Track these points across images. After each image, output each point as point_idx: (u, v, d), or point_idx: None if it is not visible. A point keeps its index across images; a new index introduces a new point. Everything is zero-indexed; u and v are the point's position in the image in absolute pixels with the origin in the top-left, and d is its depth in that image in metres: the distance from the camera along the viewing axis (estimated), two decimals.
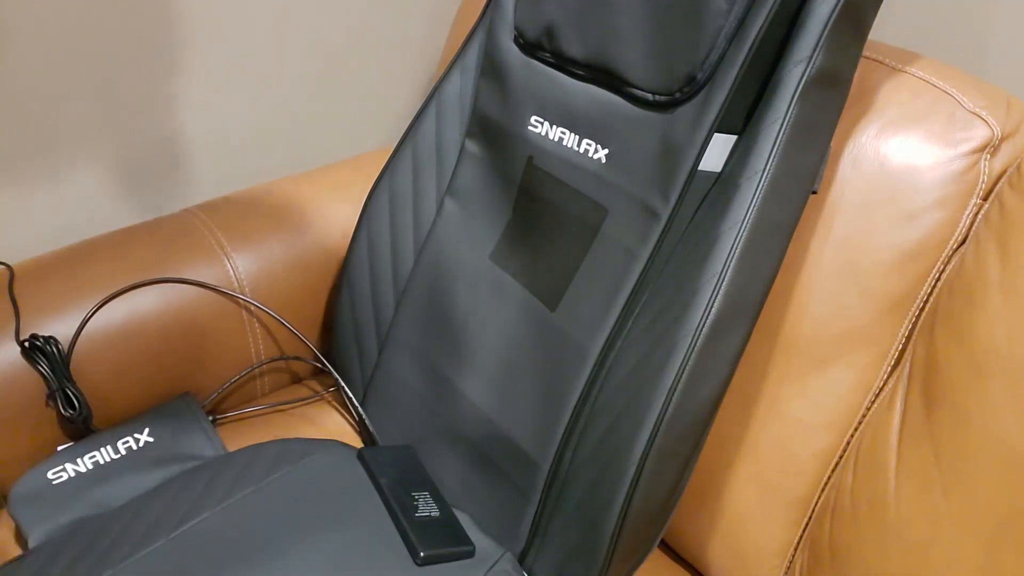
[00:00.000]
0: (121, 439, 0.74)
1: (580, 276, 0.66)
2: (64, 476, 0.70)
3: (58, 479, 0.70)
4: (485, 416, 0.70)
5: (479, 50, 0.77)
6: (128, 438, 0.74)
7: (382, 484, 0.70)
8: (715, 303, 0.58)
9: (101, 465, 0.72)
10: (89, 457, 0.72)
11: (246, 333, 0.85)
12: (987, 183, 0.61)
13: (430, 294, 0.76)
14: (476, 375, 0.72)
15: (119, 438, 0.74)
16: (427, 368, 0.76)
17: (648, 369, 0.60)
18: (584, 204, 0.66)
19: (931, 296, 0.63)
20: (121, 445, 0.73)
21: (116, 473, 0.72)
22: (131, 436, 0.74)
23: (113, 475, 0.71)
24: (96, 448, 0.72)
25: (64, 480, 0.70)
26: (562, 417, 0.65)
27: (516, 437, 0.68)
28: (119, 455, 0.73)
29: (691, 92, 0.60)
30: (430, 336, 0.76)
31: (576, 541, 0.63)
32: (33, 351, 0.72)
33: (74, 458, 0.71)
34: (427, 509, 0.69)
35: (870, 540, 0.62)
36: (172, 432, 0.76)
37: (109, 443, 0.73)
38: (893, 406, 0.63)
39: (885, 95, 0.65)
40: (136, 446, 0.74)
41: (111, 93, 0.89)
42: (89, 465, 0.72)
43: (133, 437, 0.74)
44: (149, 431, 0.75)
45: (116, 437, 0.74)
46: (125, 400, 0.78)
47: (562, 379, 0.65)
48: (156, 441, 0.75)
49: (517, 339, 0.70)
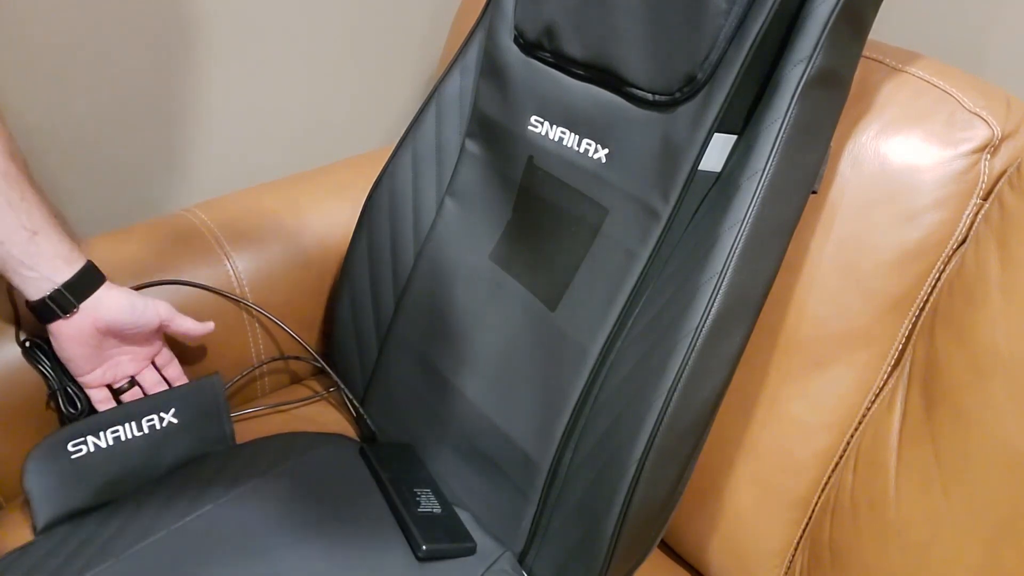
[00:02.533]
0: (146, 416, 0.72)
1: (580, 276, 0.66)
2: (83, 450, 0.69)
3: (77, 452, 0.69)
4: (485, 416, 0.70)
5: (479, 50, 0.77)
6: (154, 416, 0.73)
7: (384, 479, 0.70)
8: (715, 303, 0.58)
9: (122, 442, 0.71)
10: (112, 432, 0.71)
11: (246, 333, 0.85)
12: (987, 183, 0.61)
13: (430, 294, 0.76)
14: (476, 375, 0.72)
15: (144, 415, 0.72)
16: (427, 368, 0.76)
17: (648, 369, 0.60)
18: (584, 204, 0.66)
19: (931, 296, 0.63)
20: (145, 423, 0.72)
21: (133, 453, 0.71)
22: (156, 415, 0.73)
23: (130, 455, 0.71)
24: (121, 422, 0.71)
25: (83, 455, 0.69)
26: (562, 417, 0.65)
27: (515, 437, 0.68)
28: (141, 433, 0.72)
29: (691, 92, 0.60)
30: (430, 336, 0.76)
31: (576, 541, 0.63)
32: (34, 351, 0.71)
33: (97, 431, 0.70)
34: (429, 505, 0.69)
35: (870, 540, 0.62)
36: (195, 416, 0.75)
37: (134, 419, 0.72)
38: (893, 406, 0.63)
39: (885, 95, 0.65)
40: (160, 425, 0.73)
41: (111, 94, 0.89)
42: (110, 440, 0.70)
43: (159, 416, 0.73)
44: (175, 411, 0.74)
45: (142, 413, 0.72)
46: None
47: (562, 379, 0.65)
48: (179, 423, 0.74)
49: (517, 339, 0.70)
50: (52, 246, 0.66)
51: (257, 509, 0.66)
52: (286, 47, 0.99)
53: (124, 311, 0.70)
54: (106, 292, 0.69)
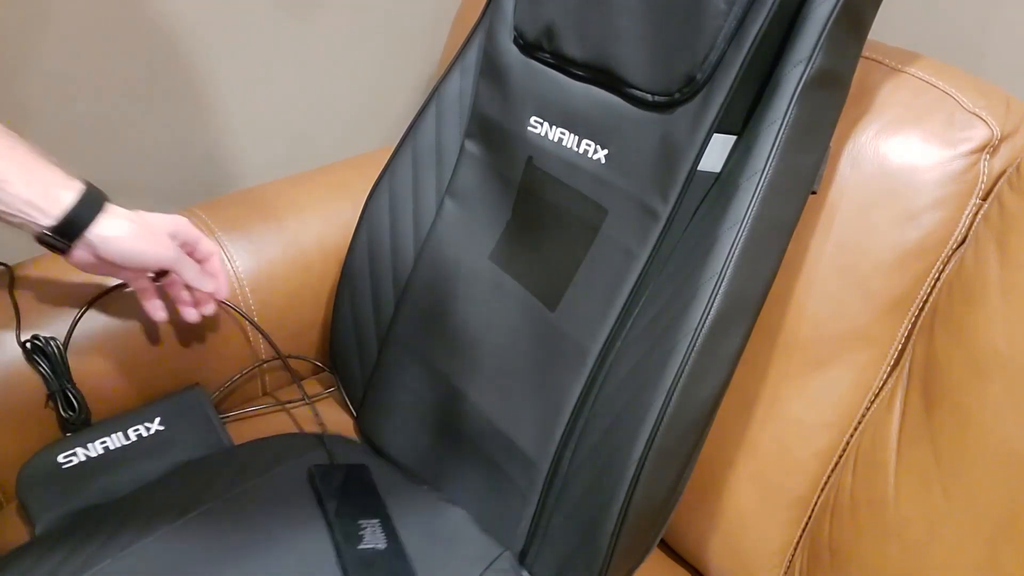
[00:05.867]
0: (132, 426, 0.74)
1: (580, 276, 0.66)
2: (74, 460, 0.71)
3: (68, 463, 0.71)
4: (484, 415, 0.70)
5: (479, 51, 0.77)
6: (139, 426, 0.74)
7: (327, 509, 0.67)
8: (715, 303, 0.58)
9: (111, 451, 0.72)
10: (100, 442, 0.72)
11: (246, 333, 0.85)
12: (987, 183, 0.61)
13: (430, 294, 0.76)
14: (475, 375, 0.72)
15: (130, 425, 0.74)
16: (426, 367, 0.76)
17: (648, 369, 0.60)
18: (584, 204, 0.66)
19: (931, 296, 0.63)
20: (132, 432, 0.74)
21: (125, 460, 0.72)
22: (142, 424, 0.75)
23: (122, 462, 0.72)
24: (107, 434, 0.73)
25: (74, 464, 0.71)
26: (561, 417, 0.65)
27: (515, 436, 0.68)
28: (129, 442, 0.73)
29: (690, 92, 0.60)
30: (429, 335, 0.76)
31: (576, 541, 0.63)
32: (35, 352, 0.72)
33: (85, 443, 0.72)
34: (373, 540, 0.65)
35: (870, 540, 0.62)
36: (181, 422, 0.76)
37: (120, 429, 0.74)
38: (893, 406, 0.63)
39: (885, 95, 0.65)
40: (146, 433, 0.74)
41: (111, 95, 0.89)
42: (100, 450, 0.72)
43: (144, 425, 0.75)
44: (160, 420, 0.75)
45: (127, 424, 0.74)
46: (124, 401, 0.78)
47: (561, 379, 0.65)
48: (166, 430, 0.75)
49: (516, 339, 0.70)
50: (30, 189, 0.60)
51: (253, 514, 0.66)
52: (286, 47, 0.99)
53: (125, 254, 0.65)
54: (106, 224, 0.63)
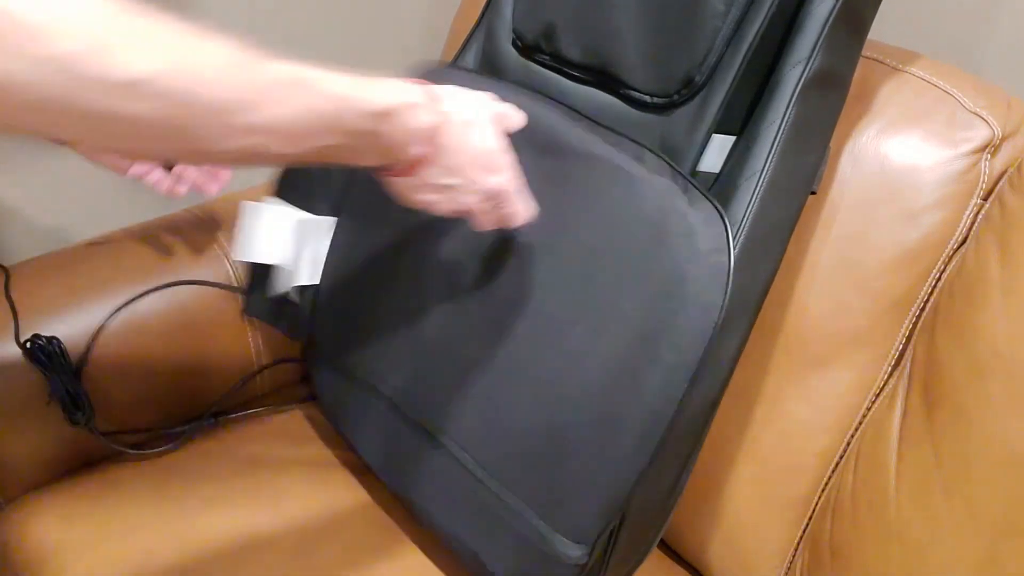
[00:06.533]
0: None
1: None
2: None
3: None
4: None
5: (477, 53, 0.77)
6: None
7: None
8: None
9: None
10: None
11: (247, 333, 0.85)
12: (988, 183, 0.61)
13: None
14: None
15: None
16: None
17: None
18: None
19: (931, 296, 0.63)
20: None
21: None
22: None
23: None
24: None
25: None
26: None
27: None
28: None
29: (689, 94, 0.60)
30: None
31: None
32: (36, 351, 0.71)
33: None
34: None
35: (870, 540, 0.61)
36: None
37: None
38: (893, 406, 0.63)
39: (885, 95, 0.65)
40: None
41: None
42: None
43: None
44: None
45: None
46: (128, 400, 0.78)
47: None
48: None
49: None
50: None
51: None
52: (286, 48, 0.99)
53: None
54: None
